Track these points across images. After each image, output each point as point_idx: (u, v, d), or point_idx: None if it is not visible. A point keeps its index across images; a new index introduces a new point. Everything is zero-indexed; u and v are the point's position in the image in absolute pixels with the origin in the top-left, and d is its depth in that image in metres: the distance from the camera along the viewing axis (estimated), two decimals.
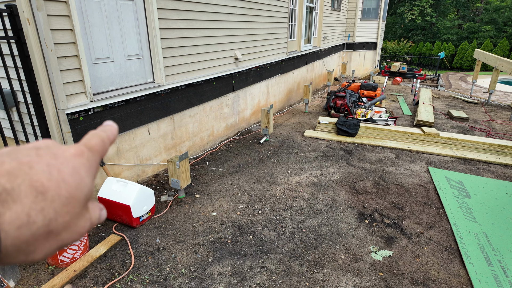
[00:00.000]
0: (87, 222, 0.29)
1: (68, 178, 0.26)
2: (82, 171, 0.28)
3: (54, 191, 0.25)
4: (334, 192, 3.85)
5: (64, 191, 0.25)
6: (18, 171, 0.24)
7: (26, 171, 0.24)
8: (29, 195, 0.23)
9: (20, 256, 0.24)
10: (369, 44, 14.07)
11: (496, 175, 4.42)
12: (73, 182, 0.26)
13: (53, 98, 2.79)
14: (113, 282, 2.43)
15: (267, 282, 2.48)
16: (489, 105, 8.75)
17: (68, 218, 0.26)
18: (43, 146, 0.28)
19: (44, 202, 0.24)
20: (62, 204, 0.25)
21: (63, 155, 0.28)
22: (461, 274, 2.61)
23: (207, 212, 3.38)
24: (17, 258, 0.24)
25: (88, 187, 0.28)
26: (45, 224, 0.24)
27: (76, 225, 0.27)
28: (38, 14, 2.52)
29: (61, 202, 0.25)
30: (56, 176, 0.25)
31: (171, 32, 3.92)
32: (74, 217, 0.27)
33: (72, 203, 0.26)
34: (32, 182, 0.24)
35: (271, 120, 5.36)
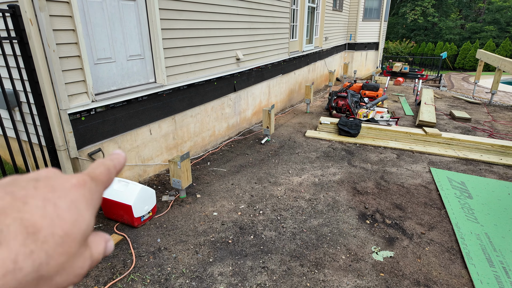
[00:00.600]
0: (87, 261, 0.26)
1: (64, 213, 0.24)
2: (81, 205, 0.25)
3: (47, 230, 0.22)
4: (336, 193, 3.84)
5: (58, 229, 0.23)
6: (10, 208, 0.22)
7: (18, 208, 0.22)
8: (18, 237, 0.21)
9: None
10: (371, 44, 14.05)
11: (499, 175, 4.40)
12: (70, 218, 0.24)
13: (55, 98, 2.80)
14: (114, 281, 2.43)
15: (268, 282, 2.48)
16: (491, 105, 8.71)
17: (63, 259, 0.23)
18: (43, 177, 0.26)
19: (34, 244, 0.22)
20: (55, 244, 0.23)
21: (63, 186, 0.25)
22: (462, 275, 2.60)
23: (208, 212, 3.39)
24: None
25: (87, 223, 0.26)
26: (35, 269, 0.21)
27: (72, 267, 0.24)
28: (40, 15, 2.53)
29: (55, 242, 0.23)
30: (51, 212, 0.23)
31: (173, 32, 3.93)
32: (69, 258, 0.24)
33: (67, 243, 0.23)
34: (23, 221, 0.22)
35: (273, 120, 5.36)
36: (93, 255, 0.27)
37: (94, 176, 0.29)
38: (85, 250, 0.26)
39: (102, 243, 0.29)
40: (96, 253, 0.27)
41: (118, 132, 3.44)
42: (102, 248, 0.29)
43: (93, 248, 0.27)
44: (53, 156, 2.96)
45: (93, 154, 3.21)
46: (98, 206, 0.28)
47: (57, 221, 0.23)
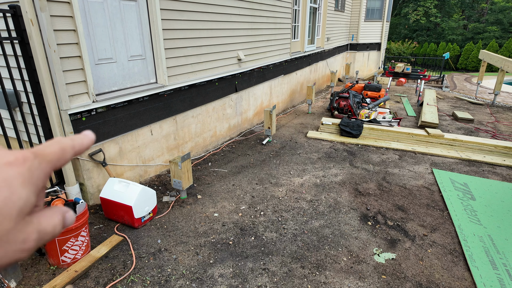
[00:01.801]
0: (32, 235, 0.26)
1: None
2: (16, 183, 0.25)
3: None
4: (337, 194, 3.82)
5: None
6: None
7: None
8: None
9: None
10: (373, 45, 14.01)
11: (502, 177, 4.36)
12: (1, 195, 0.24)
13: (55, 99, 2.80)
14: (114, 283, 2.42)
15: (269, 284, 2.46)
16: (494, 106, 8.66)
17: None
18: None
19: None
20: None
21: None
22: (465, 278, 2.57)
23: (209, 213, 3.37)
24: None
25: (24, 200, 0.25)
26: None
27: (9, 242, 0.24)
28: (41, 15, 2.53)
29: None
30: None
31: (174, 32, 3.92)
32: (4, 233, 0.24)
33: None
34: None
35: (274, 121, 5.34)
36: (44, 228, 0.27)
37: (41, 154, 0.28)
38: (26, 226, 0.26)
39: (55, 216, 0.29)
40: (47, 226, 0.27)
41: (119, 133, 3.44)
42: (56, 220, 0.29)
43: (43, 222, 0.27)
44: None
45: (94, 154, 3.20)
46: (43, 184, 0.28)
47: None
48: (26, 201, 0.26)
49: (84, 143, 0.32)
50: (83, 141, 0.32)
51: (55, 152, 0.29)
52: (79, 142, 0.31)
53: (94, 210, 3.30)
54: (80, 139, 0.32)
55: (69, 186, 3.04)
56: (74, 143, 0.31)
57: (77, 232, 2.52)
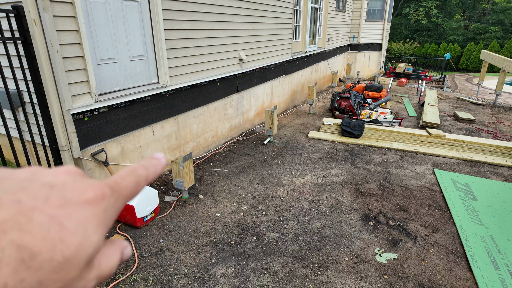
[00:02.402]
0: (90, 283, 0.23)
1: (69, 237, 0.21)
2: (90, 227, 0.22)
3: (45, 256, 0.20)
4: (339, 194, 3.82)
5: (58, 256, 0.20)
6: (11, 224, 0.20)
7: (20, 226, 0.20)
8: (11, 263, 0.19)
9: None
10: (374, 45, 14.00)
11: (503, 177, 4.36)
12: (74, 242, 0.21)
13: (58, 99, 2.81)
14: (117, 282, 2.43)
15: (271, 283, 2.46)
16: (496, 106, 8.65)
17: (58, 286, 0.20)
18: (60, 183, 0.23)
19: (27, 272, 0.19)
20: (51, 271, 0.20)
21: (76, 201, 0.22)
22: (467, 278, 2.57)
23: (210, 213, 3.38)
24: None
25: (94, 247, 0.22)
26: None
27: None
28: (44, 15, 2.54)
29: (51, 268, 0.20)
30: (54, 235, 0.20)
31: (176, 33, 3.93)
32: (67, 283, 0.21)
33: (66, 269, 0.21)
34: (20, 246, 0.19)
35: (275, 121, 5.35)
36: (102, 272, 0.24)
37: (118, 189, 0.25)
38: (89, 273, 0.23)
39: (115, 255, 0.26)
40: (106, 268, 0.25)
41: (121, 133, 3.44)
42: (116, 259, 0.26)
43: (103, 264, 0.24)
44: (56, 156, 2.97)
45: (96, 154, 3.21)
46: (111, 225, 0.25)
47: (59, 245, 0.21)
48: (96, 248, 0.23)
49: (158, 171, 0.29)
50: (157, 170, 0.29)
51: (131, 187, 0.26)
52: (153, 171, 0.28)
53: None
54: (154, 167, 0.29)
55: None
56: (148, 173, 0.28)
57: None
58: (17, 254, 0.19)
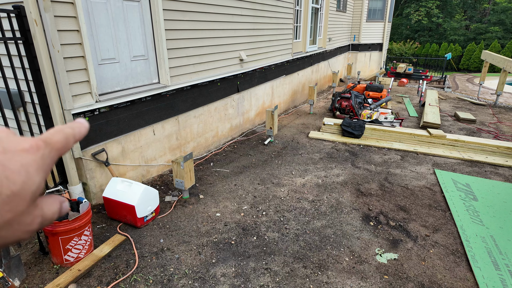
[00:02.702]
0: (37, 219, 0.28)
1: (14, 176, 0.25)
2: (31, 169, 0.27)
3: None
4: (339, 194, 3.82)
5: (5, 190, 0.25)
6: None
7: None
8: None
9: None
10: (375, 45, 13.99)
11: (504, 177, 4.35)
12: (19, 180, 0.26)
13: (59, 99, 2.81)
14: (117, 282, 2.43)
15: (271, 283, 2.46)
16: (496, 107, 8.64)
17: (10, 216, 0.25)
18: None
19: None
20: (2, 202, 0.25)
21: (14, 149, 0.27)
22: (468, 278, 2.57)
23: (211, 212, 3.38)
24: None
25: (36, 185, 0.27)
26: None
27: (20, 223, 0.26)
28: (45, 15, 2.55)
29: (2, 200, 0.24)
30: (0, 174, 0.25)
31: (177, 33, 3.94)
32: (17, 215, 0.26)
33: (15, 202, 0.25)
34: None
35: (276, 121, 5.35)
36: (45, 214, 0.29)
37: (50, 143, 0.30)
38: (35, 209, 0.28)
39: (55, 203, 0.31)
40: (48, 212, 0.30)
41: (121, 133, 3.45)
42: (55, 207, 0.31)
43: (45, 208, 0.29)
44: None
45: (97, 154, 3.22)
46: (49, 171, 0.29)
47: (5, 181, 0.25)
48: (38, 187, 0.28)
49: (82, 131, 0.34)
50: (81, 130, 0.34)
51: (61, 141, 0.31)
52: (78, 131, 0.33)
53: (97, 210, 3.32)
54: (78, 128, 0.34)
55: (72, 185, 3.06)
56: (74, 132, 0.33)
57: (80, 231, 2.53)
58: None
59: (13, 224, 0.26)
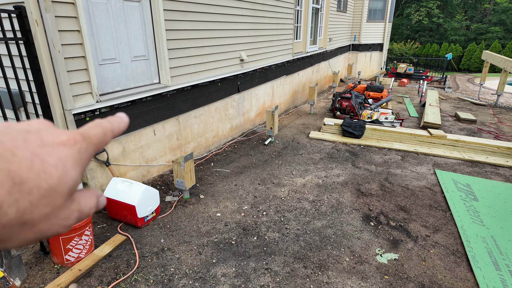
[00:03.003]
0: (73, 213, 0.28)
1: (51, 170, 0.25)
2: (68, 163, 0.27)
3: (33, 183, 0.24)
4: (339, 194, 3.82)
5: (44, 183, 0.24)
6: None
7: (7, 159, 0.23)
8: (5, 185, 0.23)
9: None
10: (375, 46, 13.99)
11: (505, 178, 4.35)
12: (56, 174, 0.25)
13: (60, 99, 2.82)
14: (118, 281, 2.44)
15: (271, 283, 2.47)
16: (497, 107, 8.63)
17: (47, 210, 0.25)
18: (34, 130, 0.27)
19: (19, 194, 0.23)
20: (40, 196, 0.24)
21: (52, 142, 0.27)
22: (468, 278, 2.57)
23: (211, 213, 3.38)
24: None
25: (73, 180, 0.27)
26: (19, 216, 0.24)
27: (57, 217, 0.26)
28: (46, 16, 2.55)
29: (40, 194, 0.24)
30: (38, 167, 0.24)
31: (177, 33, 3.94)
32: (54, 209, 0.26)
33: (52, 196, 0.25)
34: (10, 172, 0.23)
35: (276, 121, 5.35)
36: (82, 208, 0.29)
37: (88, 137, 0.29)
38: (71, 204, 0.28)
39: (93, 198, 0.31)
40: (85, 207, 0.29)
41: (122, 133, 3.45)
42: (92, 202, 0.31)
43: (82, 202, 0.29)
44: None
45: (97, 154, 3.22)
46: (86, 165, 0.29)
47: (43, 175, 0.25)
48: (75, 181, 0.27)
49: (121, 126, 0.33)
50: (120, 125, 0.33)
51: (99, 136, 0.30)
52: (117, 126, 0.33)
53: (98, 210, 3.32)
54: (117, 123, 0.33)
55: None
56: (113, 126, 0.32)
57: (81, 231, 2.54)
58: (9, 178, 0.23)
59: (50, 218, 0.26)
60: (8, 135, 0.25)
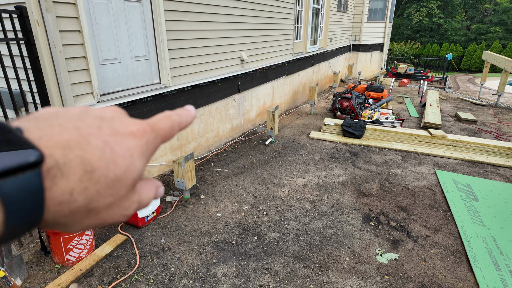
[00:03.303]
0: (133, 204, 0.28)
1: (119, 160, 0.25)
2: (135, 154, 0.27)
3: (101, 172, 0.24)
4: (340, 194, 3.82)
5: (111, 173, 0.25)
6: (75, 144, 0.24)
7: (82, 146, 0.24)
8: (77, 173, 0.23)
9: (58, 227, 0.25)
10: (376, 46, 13.99)
11: (505, 178, 4.35)
12: (123, 164, 0.25)
13: (61, 99, 2.83)
14: (118, 281, 2.44)
15: (272, 283, 2.47)
16: (497, 107, 8.63)
17: (111, 200, 0.25)
18: (108, 117, 0.27)
19: (88, 182, 0.24)
20: (106, 186, 0.25)
21: (123, 131, 0.27)
22: (468, 279, 2.57)
23: (212, 212, 3.39)
24: (55, 227, 0.25)
25: (138, 171, 0.27)
26: (86, 203, 0.24)
27: (118, 207, 0.27)
28: (47, 16, 2.56)
29: (106, 183, 0.25)
30: (108, 156, 0.25)
31: (178, 33, 3.95)
32: (117, 199, 0.26)
33: (117, 186, 0.25)
34: (83, 160, 0.23)
35: (277, 121, 5.36)
36: (142, 199, 0.29)
37: (156, 128, 0.29)
38: (133, 195, 0.28)
39: (153, 189, 0.31)
40: (145, 198, 0.29)
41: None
42: (152, 193, 0.30)
43: (143, 193, 0.29)
44: None
45: None
46: (151, 157, 0.29)
47: (111, 165, 0.25)
48: (140, 173, 0.27)
49: (189, 120, 0.33)
50: (188, 118, 0.33)
51: (166, 128, 0.30)
52: (185, 119, 0.32)
53: None
54: (186, 116, 0.33)
55: None
56: (181, 120, 0.32)
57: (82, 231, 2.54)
58: (82, 166, 0.23)
59: (112, 207, 0.26)
60: (85, 121, 0.25)
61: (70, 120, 0.25)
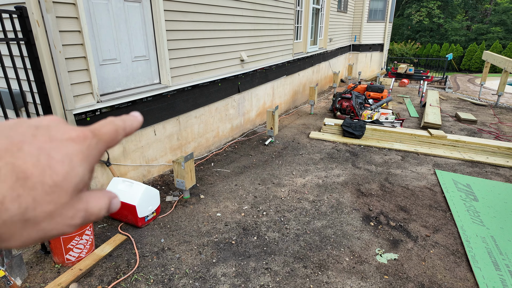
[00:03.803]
0: (79, 213, 0.26)
1: (57, 165, 0.24)
2: (75, 159, 0.26)
3: (37, 178, 0.23)
4: (339, 194, 3.83)
5: (48, 179, 0.24)
6: (4, 152, 0.23)
7: (13, 153, 0.23)
8: (7, 181, 0.22)
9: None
10: (376, 46, 13.99)
11: (505, 178, 4.35)
12: (62, 170, 0.25)
13: (61, 99, 2.83)
14: (118, 281, 2.45)
15: (271, 283, 2.47)
16: (498, 107, 8.63)
17: (51, 207, 0.24)
18: (44, 125, 0.27)
19: (22, 189, 0.23)
20: (44, 192, 0.24)
21: (61, 138, 0.26)
22: (468, 278, 2.58)
23: (211, 212, 3.39)
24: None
25: (80, 177, 0.26)
26: (20, 212, 0.23)
27: (61, 216, 0.25)
28: (47, 16, 2.56)
29: (44, 190, 0.24)
30: (44, 162, 0.24)
31: (178, 33, 3.95)
32: (59, 207, 0.25)
33: (57, 192, 0.24)
34: (14, 167, 0.23)
35: (276, 121, 5.36)
36: (89, 208, 0.27)
37: (98, 134, 0.29)
38: (78, 203, 0.26)
39: (103, 199, 0.29)
40: (94, 207, 0.28)
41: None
42: (103, 203, 0.29)
43: (90, 202, 0.28)
44: None
45: None
46: (95, 163, 0.28)
47: (48, 171, 0.24)
48: (82, 178, 0.26)
49: (134, 125, 0.32)
50: (133, 124, 0.32)
51: (110, 133, 0.30)
52: (129, 124, 0.32)
53: None
54: (131, 121, 0.32)
55: None
56: (125, 124, 0.31)
57: (82, 231, 2.54)
58: (13, 174, 0.23)
59: (54, 216, 0.25)
60: (17, 130, 0.25)
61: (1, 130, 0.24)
